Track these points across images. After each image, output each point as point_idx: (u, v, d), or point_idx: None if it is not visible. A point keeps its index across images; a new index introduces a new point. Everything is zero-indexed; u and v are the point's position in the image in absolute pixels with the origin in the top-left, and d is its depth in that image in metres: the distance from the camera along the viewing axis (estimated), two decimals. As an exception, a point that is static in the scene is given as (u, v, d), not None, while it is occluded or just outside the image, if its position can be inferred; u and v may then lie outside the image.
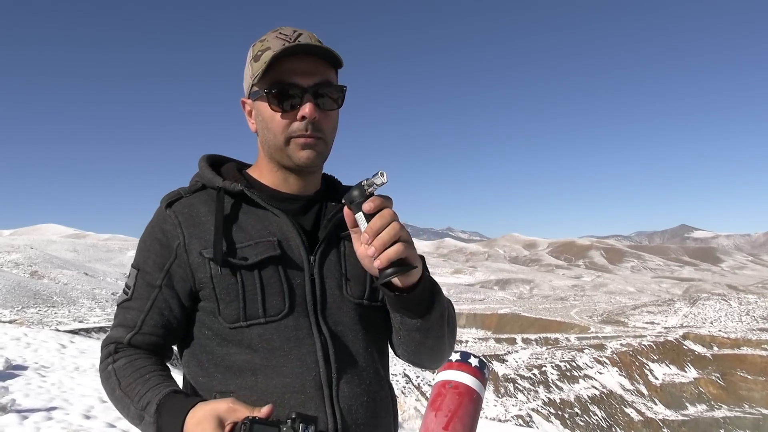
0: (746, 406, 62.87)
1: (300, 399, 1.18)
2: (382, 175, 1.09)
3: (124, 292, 1.30)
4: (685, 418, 58.81)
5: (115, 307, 1.33)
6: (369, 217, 1.09)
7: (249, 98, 1.31)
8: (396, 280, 1.14)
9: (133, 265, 1.31)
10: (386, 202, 1.11)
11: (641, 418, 56.87)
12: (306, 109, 1.21)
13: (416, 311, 1.20)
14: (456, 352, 1.11)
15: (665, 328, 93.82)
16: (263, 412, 1.03)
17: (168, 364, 1.32)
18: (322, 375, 1.20)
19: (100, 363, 1.28)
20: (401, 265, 1.10)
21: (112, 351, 1.26)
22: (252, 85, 1.26)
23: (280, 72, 1.21)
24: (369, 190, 1.11)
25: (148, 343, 1.26)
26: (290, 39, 1.22)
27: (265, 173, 1.34)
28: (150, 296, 1.26)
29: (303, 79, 1.22)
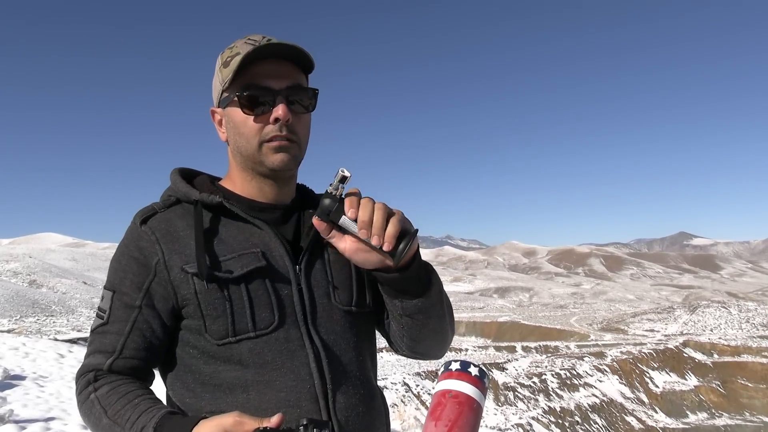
0: (747, 413, 62.71)
1: (296, 413, 1.14)
2: (343, 171, 1.08)
3: (99, 316, 1.22)
4: (686, 426, 58.63)
5: (89, 334, 1.25)
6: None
7: (219, 107, 1.27)
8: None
9: (106, 288, 1.24)
10: (359, 194, 1.13)
11: (642, 426, 56.64)
12: (279, 110, 1.19)
13: (417, 288, 1.21)
14: (456, 361, 1.08)
15: (665, 335, 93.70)
16: (273, 421, 0.99)
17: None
18: (317, 387, 1.18)
19: (78, 394, 1.19)
20: (405, 235, 1.13)
21: (91, 379, 1.18)
22: (222, 92, 1.24)
23: (251, 75, 1.19)
24: (338, 193, 1.10)
25: (130, 368, 1.19)
26: (260, 44, 1.20)
27: (238, 183, 1.30)
28: (129, 318, 1.19)
29: (275, 82, 1.20)
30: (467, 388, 1.00)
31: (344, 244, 1.17)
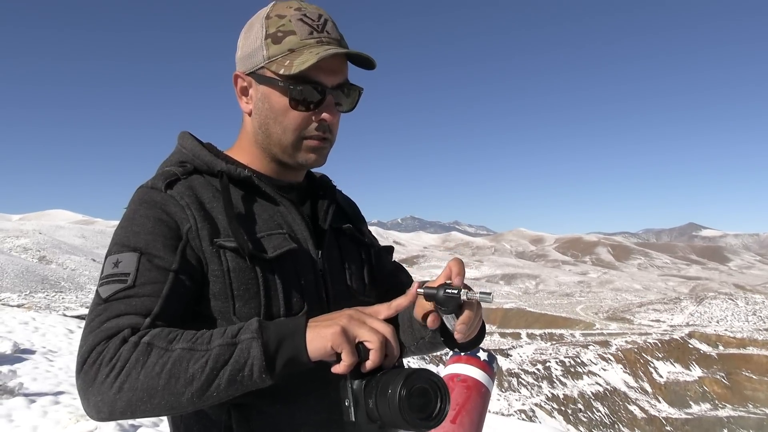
0: (750, 405, 62.65)
1: (325, 403, 1.09)
2: (489, 295, 0.99)
3: (117, 281, 0.99)
4: (689, 417, 58.68)
5: (97, 305, 0.98)
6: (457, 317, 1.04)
7: (249, 76, 1.15)
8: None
9: (124, 250, 1.02)
10: (474, 309, 1.04)
11: (644, 416, 56.77)
12: (327, 113, 1.12)
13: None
14: (465, 345, 1.11)
15: (671, 326, 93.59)
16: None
17: None
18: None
19: (111, 358, 0.90)
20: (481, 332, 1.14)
21: (127, 335, 0.92)
22: (261, 67, 1.12)
23: (305, 68, 1.07)
24: (464, 300, 1.00)
25: None
26: (317, 27, 1.10)
27: (256, 160, 1.20)
28: (166, 280, 1.00)
29: (327, 78, 1.11)
30: (476, 373, 1.02)
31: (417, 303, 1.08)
